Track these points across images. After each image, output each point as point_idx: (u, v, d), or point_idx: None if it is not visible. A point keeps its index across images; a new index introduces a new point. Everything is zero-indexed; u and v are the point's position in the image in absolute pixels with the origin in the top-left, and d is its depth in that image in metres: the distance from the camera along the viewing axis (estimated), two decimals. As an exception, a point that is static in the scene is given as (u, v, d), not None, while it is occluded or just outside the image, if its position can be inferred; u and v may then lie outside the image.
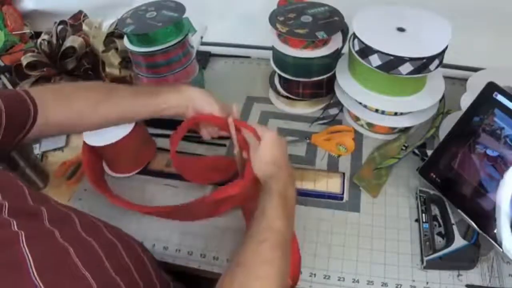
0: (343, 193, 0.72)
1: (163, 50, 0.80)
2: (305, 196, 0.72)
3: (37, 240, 0.37)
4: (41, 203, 0.44)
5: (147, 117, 0.66)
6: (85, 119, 0.61)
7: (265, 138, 0.59)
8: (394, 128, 0.80)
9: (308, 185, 0.73)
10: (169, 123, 0.73)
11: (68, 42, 0.88)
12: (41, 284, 0.33)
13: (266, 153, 0.58)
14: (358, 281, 0.61)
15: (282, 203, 0.52)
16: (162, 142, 0.84)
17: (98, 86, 0.65)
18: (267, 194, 0.53)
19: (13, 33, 1.07)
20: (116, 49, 0.94)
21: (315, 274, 0.63)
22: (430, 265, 0.61)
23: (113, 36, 0.95)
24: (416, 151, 0.77)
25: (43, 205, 0.43)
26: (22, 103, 0.53)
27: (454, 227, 0.64)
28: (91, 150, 0.73)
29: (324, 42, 0.78)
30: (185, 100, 0.64)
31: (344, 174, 0.74)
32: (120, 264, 0.46)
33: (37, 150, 0.86)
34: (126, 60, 0.94)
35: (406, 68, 0.66)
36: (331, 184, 0.73)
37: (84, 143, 0.72)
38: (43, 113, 0.55)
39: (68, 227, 0.44)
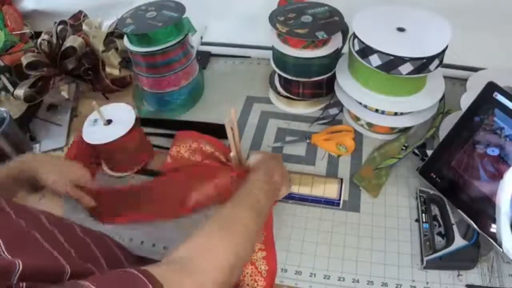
0: (339, 199, 0.71)
1: (163, 50, 0.80)
2: (301, 200, 0.72)
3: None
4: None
5: None
6: None
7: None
8: (394, 128, 0.80)
9: (305, 190, 0.73)
10: (169, 122, 0.73)
11: (68, 42, 0.88)
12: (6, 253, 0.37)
13: (264, 154, 0.69)
14: (358, 281, 0.61)
15: (256, 197, 0.57)
16: (160, 142, 0.84)
17: None
18: (244, 184, 0.59)
19: (13, 33, 1.06)
20: (116, 49, 0.94)
21: (315, 274, 0.63)
22: (430, 265, 0.61)
23: (113, 36, 0.95)
24: (416, 151, 0.76)
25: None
26: None
27: (454, 227, 0.64)
28: (79, 146, 0.77)
29: (324, 42, 0.78)
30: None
31: (342, 180, 0.74)
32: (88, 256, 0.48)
33: (37, 150, 0.86)
34: (126, 60, 0.94)
35: (406, 68, 0.66)
36: (328, 190, 0.73)
37: (75, 139, 0.80)
38: None
39: (34, 221, 0.46)
